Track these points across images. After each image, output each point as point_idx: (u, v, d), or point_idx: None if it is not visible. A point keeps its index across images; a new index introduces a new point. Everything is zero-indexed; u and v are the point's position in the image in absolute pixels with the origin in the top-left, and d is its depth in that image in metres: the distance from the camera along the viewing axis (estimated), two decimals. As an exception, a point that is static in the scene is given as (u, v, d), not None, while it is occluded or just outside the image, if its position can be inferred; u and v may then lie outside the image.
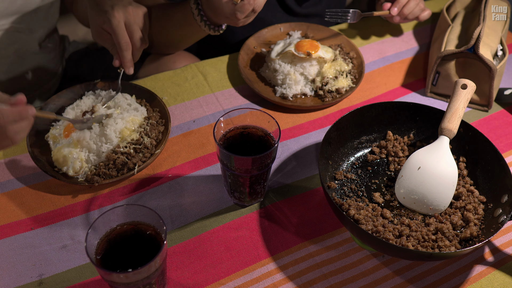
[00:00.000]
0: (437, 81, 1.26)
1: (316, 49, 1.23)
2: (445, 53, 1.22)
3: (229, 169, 0.93)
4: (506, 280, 0.94)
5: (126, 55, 1.10)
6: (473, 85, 1.02)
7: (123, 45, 1.08)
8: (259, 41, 1.36)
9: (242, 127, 0.98)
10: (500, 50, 1.27)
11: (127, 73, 1.12)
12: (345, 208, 0.97)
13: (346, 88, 1.24)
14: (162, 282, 0.85)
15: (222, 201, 1.04)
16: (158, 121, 1.13)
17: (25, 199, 1.03)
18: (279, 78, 1.24)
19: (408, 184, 0.99)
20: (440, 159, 0.99)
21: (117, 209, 0.80)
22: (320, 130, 1.19)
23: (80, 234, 0.98)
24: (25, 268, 0.93)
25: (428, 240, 0.93)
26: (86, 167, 1.04)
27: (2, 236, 0.97)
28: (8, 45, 1.25)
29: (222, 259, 0.95)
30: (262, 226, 1.00)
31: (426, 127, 1.09)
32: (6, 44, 1.25)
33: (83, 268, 0.93)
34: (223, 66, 1.33)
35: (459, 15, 1.36)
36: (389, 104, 1.09)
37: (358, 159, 1.09)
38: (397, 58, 1.39)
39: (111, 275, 0.75)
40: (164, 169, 1.09)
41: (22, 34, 1.27)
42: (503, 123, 1.23)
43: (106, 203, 1.03)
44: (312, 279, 0.93)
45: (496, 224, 0.92)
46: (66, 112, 1.12)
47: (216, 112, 1.21)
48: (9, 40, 1.25)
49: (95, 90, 1.18)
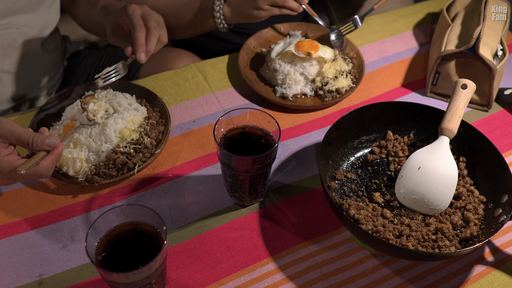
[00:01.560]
0: (437, 81, 1.26)
1: (316, 49, 1.23)
2: (445, 53, 1.22)
3: (229, 169, 0.93)
4: (506, 280, 0.94)
5: (138, 37, 1.06)
6: (473, 85, 1.02)
7: (137, 26, 1.06)
8: (259, 41, 1.36)
9: (242, 127, 0.98)
10: (500, 50, 1.27)
11: (138, 59, 1.07)
12: (345, 208, 0.97)
13: (346, 88, 1.24)
14: (162, 282, 0.85)
15: (222, 201, 1.04)
16: (158, 121, 1.13)
17: (25, 199, 1.03)
18: (279, 78, 1.24)
19: (408, 184, 0.99)
20: (440, 159, 0.99)
21: (117, 209, 0.80)
22: (320, 130, 1.19)
23: (80, 234, 0.98)
24: (25, 268, 0.93)
25: (428, 240, 0.93)
26: (86, 167, 1.04)
27: (2, 236, 0.97)
28: (10, 44, 1.25)
29: (222, 259, 0.95)
30: (262, 226, 1.00)
31: (426, 127, 1.09)
32: (8, 43, 1.25)
33: (83, 268, 0.93)
34: (223, 66, 1.33)
35: (459, 15, 1.36)
36: (389, 104, 1.09)
37: (358, 159, 1.09)
38: (397, 58, 1.39)
39: (111, 275, 0.75)
40: (164, 169, 1.09)
41: (23, 33, 1.27)
42: (503, 123, 1.23)
43: (106, 203, 1.03)
44: (312, 279, 0.93)
45: (496, 224, 0.92)
46: (66, 112, 1.12)
47: (216, 112, 1.21)
48: (11, 39, 1.25)
49: (95, 90, 1.18)
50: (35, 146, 0.87)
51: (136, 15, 1.08)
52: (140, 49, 1.07)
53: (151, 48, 1.08)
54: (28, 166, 0.85)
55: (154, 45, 1.08)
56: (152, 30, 1.08)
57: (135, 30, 1.07)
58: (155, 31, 1.08)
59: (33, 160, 0.86)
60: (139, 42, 1.06)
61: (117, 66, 1.11)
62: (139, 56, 1.07)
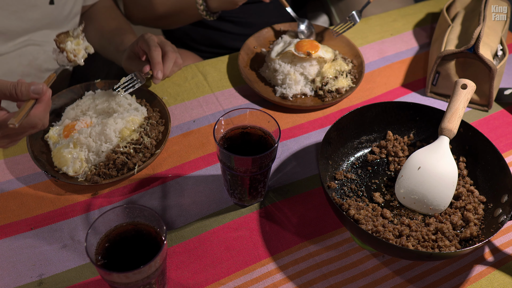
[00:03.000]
0: (437, 81, 1.26)
1: (316, 49, 1.23)
2: (445, 53, 1.22)
3: (229, 169, 0.93)
4: (506, 280, 0.94)
5: (155, 56, 1.11)
6: (473, 85, 1.02)
7: (153, 47, 1.11)
8: (259, 41, 1.36)
9: (242, 127, 0.98)
10: (500, 50, 1.27)
11: (155, 76, 1.11)
12: (345, 208, 0.97)
13: (346, 88, 1.24)
14: (162, 282, 0.85)
15: (222, 201, 1.04)
16: (158, 121, 1.13)
17: (25, 199, 1.03)
18: (279, 78, 1.24)
19: (408, 184, 0.99)
20: (440, 159, 0.99)
21: (117, 209, 0.80)
22: (320, 130, 1.19)
23: (80, 234, 0.98)
24: (25, 268, 0.93)
25: (428, 240, 0.93)
26: (86, 167, 1.04)
27: (2, 236, 0.97)
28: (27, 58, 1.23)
29: (222, 259, 0.95)
30: (262, 226, 1.00)
31: (426, 127, 1.09)
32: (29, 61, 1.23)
33: (83, 268, 0.93)
34: (223, 66, 1.33)
35: (459, 15, 1.36)
36: (389, 104, 1.09)
37: (358, 159, 1.09)
38: (397, 58, 1.39)
39: (111, 275, 0.75)
40: (164, 169, 1.09)
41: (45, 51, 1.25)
42: (503, 123, 1.23)
43: (106, 203, 1.03)
44: (312, 279, 0.93)
45: (496, 224, 0.92)
46: (66, 112, 1.12)
47: (216, 112, 1.21)
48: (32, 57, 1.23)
49: (95, 90, 1.18)
50: (20, 95, 0.83)
51: (152, 40, 1.13)
52: (158, 67, 1.11)
53: (167, 69, 1.13)
54: (19, 117, 0.80)
55: (170, 67, 1.14)
56: (169, 53, 1.14)
57: (151, 50, 1.11)
58: (172, 54, 1.14)
59: (23, 111, 0.81)
60: (156, 61, 1.11)
61: (132, 76, 1.13)
62: (156, 73, 1.11)
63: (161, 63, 1.12)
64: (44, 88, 0.85)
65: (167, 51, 1.14)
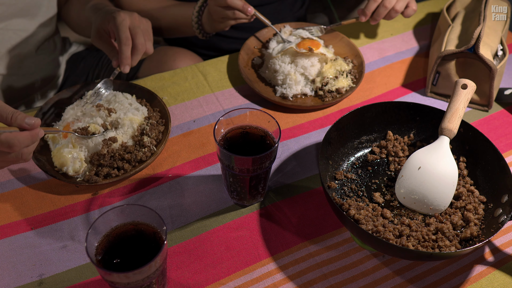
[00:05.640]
0: (437, 81, 1.26)
1: (317, 47, 1.23)
2: (445, 53, 1.22)
3: (229, 169, 0.93)
4: (506, 280, 0.94)
5: (124, 50, 1.08)
6: (473, 85, 1.02)
7: (123, 39, 1.08)
8: (259, 41, 1.36)
9: (242, 127, 0.98)
10: (500, 50, 1.27)
11: (123, 71, 1.10)
12: (345, 208, 0.97)
13: (346, 88, 1.24)
14: (162, 282, 0.85)
15: (222, 201, 1.04)
16: (158, 121, 1.13)
17: (25, 199, 1.03)
18: (279, 78, 1.24)
19: (408, 184, 0.99)
20: (440, 159, 0.98)
21: (117, 209, 0.80)
22: (320, 130, 1.19)
23: (80, 234, 0.98)
24: (25, 268, 0.93)
25: (428, 240, 0.93)
26: (86, 167, 1.04)
27: (2, 236, 0.97)
28: (5, 47, 1.25)
29: (222, 259, 0.95)
30: (262, 226, 1.00)
31: (426, 127, 1.09)
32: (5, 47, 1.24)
33: (83, 268, 0.93)
34: (223, 66, 1.33)
35: (459, 15, 1.36)
36: (389, 104, 1.09)
37: (358, 159, 1.09)
38: (397, 58, 1.39)
39: (111, 275, 0.75)
40: (164, 169, 1.09)
41: (20, 36, 1.27)
42: (503, 123, 1.23)
43: (106, 203, 1.03)
44: (312, 279, 0.93)
45: (496, 224, 0.92)
46: (66, 112, 1.12)
47: (216, 112, 1.21)
48: (7, 42, 1.25)
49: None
50: (14, 122, 0.84)
51: (124, 26, 1.08)
52: (125, 62, 1.09)
53: (135, 61, 1.12)
54: None
55: (138, 59, 1.12)
56: (139, 46, 1.10)
57: (121, 44, 1.08)
58: (141, 47, 1.10)
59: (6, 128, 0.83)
60: (125, 56, 1.09)
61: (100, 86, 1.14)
62: (123, 68, 1.10)
63: (130, 58, 1.09)
64: (37, 123, 0.86)
65: (137, 44, 1.10)
